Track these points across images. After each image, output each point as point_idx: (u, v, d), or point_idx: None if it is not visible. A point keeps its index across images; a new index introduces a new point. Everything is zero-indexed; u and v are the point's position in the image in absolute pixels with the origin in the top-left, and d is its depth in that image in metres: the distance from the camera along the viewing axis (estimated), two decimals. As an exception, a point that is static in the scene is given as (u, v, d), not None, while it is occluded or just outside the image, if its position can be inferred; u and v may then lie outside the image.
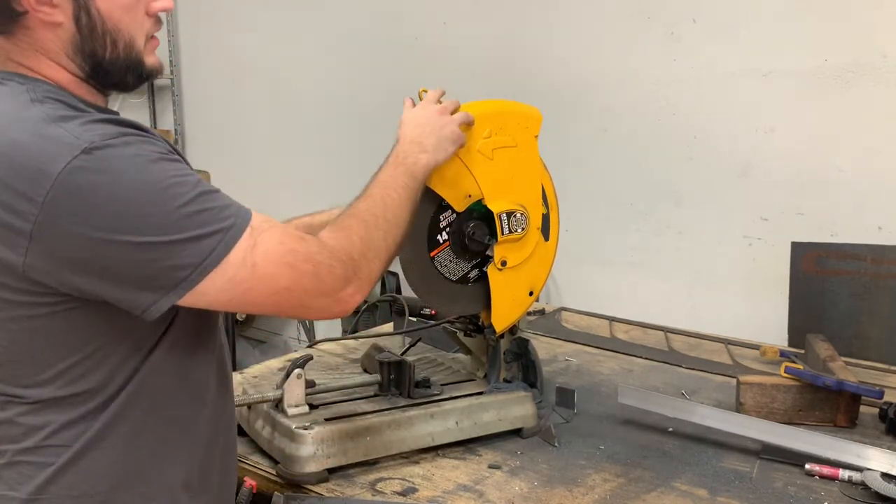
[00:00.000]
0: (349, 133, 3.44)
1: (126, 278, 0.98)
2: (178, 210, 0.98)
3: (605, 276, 2.79)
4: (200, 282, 0.99)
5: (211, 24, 3.92)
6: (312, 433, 1.43)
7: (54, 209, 0.93)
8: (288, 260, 1.05)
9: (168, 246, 0.97)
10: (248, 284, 1.02)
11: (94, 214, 0.94)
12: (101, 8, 1.04)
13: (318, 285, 1.09)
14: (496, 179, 1.53)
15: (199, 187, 1.01)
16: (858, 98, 2.27)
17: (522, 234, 1.57)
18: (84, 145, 0.94)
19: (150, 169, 0.97)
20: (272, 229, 1.06)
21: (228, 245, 1.00)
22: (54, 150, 0.94)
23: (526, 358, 1.72)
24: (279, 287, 1.05)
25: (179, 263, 0.98)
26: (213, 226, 1.00)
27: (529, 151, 1.58)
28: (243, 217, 1.03)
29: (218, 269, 1.00)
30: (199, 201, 1.00)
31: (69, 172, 0.93)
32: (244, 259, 1.01)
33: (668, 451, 1.60)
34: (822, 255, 2.28)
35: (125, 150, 0.97)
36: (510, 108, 1.57)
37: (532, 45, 2.86)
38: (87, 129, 0.96)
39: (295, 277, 1.06)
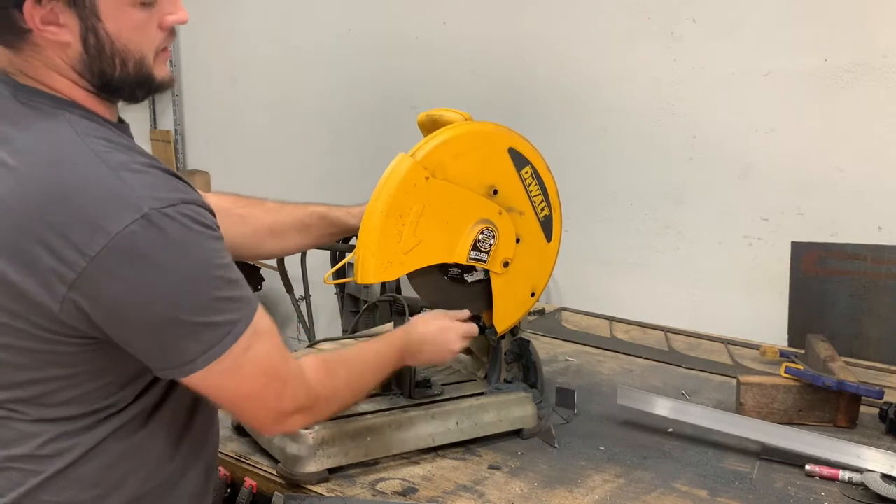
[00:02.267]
0: (349, 133, 3.44)
1: (146, 344, 1.01)
2: (212, 293, 1.00)
3: (605, 276, 2.80)
4: (202, 369, 1.02)
5: (211, 24, 3.92)
6: (313, 433, 1.43)
7: (102, 266, 0.94)
8: (267, 373, 1.09)
9: (192, 327, 1.00)
10: (225, 381, 1.06)
11: (137, 281, 0.96)
12: (110, 29, 1.01)
13: (276, 403, 1.12)
14: (438, 238, 1.49)
15: (231, 271, 1.04)
16: (858, 98, 2.27)
17: (498, 240, 1.56)
18: (145, 210, 0.95)
19: (198, 249, 0.99)
20: (265, 336, 1.08)
21: (232, 340, 1.03)
22: (115, 207, 0.94)
23: (526, 359, 1.72)
24: (244, 392, 1.09)
25: (194, 345, 1.01)
26: (227, 315, 1.02)
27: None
28: (250, 312, 1.06)
29: (218, 360, 1.02)
30: (228, 288, 1.03)
31: (125, 236, 0.94)
32: (235, 358, 1.04)
33: (669, 452, 1.60)
34: (822, 255, 2.28)
35: (181, 222, 0.97)
36: (394, 180, 1.44)
37: (532, 45, 2.86)
38: (147, 185, 0.97)
39: (262, 391, 1.10)
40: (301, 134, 3.67)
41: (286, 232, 1.57)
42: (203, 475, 1.23)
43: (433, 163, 1.46)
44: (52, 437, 1.05)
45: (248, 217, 1.54)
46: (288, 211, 1.58)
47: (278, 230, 1.57)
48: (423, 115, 1.60)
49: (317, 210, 1.60)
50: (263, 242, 1.57)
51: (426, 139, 1.48)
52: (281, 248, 1.61)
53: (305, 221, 1.59)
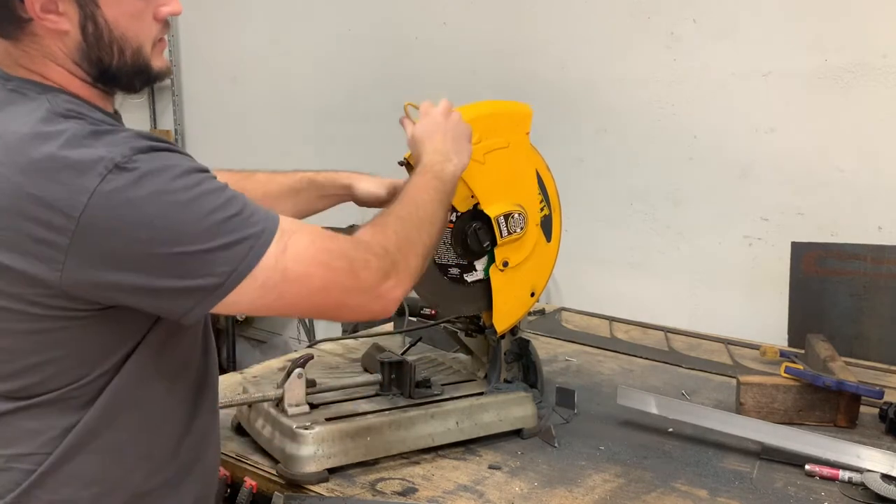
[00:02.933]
0: (349, 133, 3.43)
1: (162, 288, 0.98)
2: (209, 217, 0.98)
3: (605, 276, 2.80)
4: (234, 289, 1.00)
5: (211, 24, 3.92)
6: (313, 433, 1.43)
7: (90, 224, 0.94)
8: (321, 259, 1.05)
9: (202, 255, 0.98)
10: (281, 288, 1.02)
11: (129, 227, 0.95)
12: (108, 17, 1.03)
13: (355, 282, 1.08)
14: (490, 183, 1.53)
15: (226, 193, 1.02)
16: (858, 98, 2.27)
17: (522, 234, 1.57)
18: (116, 159, 0.95)
19: (179, 180, 0.98)
20: (302, 231, 1.05)
21: (260, 251, 1.00)
22: (88, 165, 0.94)
23: (526, 358, 1.72)
24: (314, 287, 1.05)
25: (213, 271, 0.98)
26: (243, 231, 1.00)
27: (522, 149, 1.57)
28: (272, 221, 1.03)
29: (250, 276, 1.00)
30: (228, 207, 1.00)
31: (103, 187, 0.93)
32: (275, 264, 1.01)
33: (669, 452, 1.60)
34: (822, 255, 2.28)
35: (154, 162, 0.97)
36: (498, 109, 1.56)
37: (532, 45, 2.86)
38: (116, 143, 0.97)
39: (329, 276, 1.06)
40: (301, 133, 3.66)
41: (278, 199, 1.57)
42: (207, 474, 1.23)
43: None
44: (54, 434, 1.05)
45: (241, 191, 1.55)
46: (278, 180, 1.59)
47: (271, 198, 1.56)
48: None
49: (305, 175, 1.61)
50: None
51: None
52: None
53: (295, 187, 1.59)
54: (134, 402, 1.09)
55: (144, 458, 1.12)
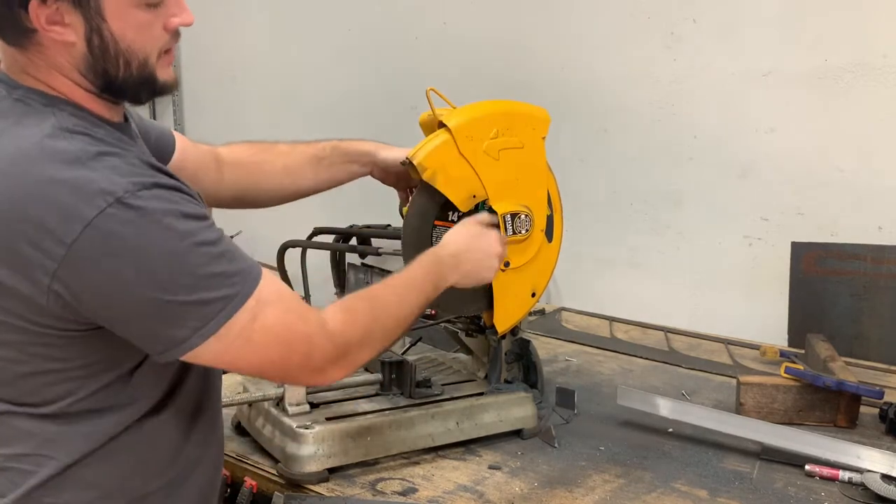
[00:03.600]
0: (349, 133, 3.42)
1: (135, 327, 1.00)
2: (196, 271, 0.99)
3: (605, 276, 2.80)
4: (199, 346, 1.01)
5: (211, 24, 3.92)
6: (313, 432, 1.43)
7: (81, 252, 0.94)
8: (284, 337, 1.07)
9: (179, 306, 0.98)
10: (241, 352, 1.04)
11: (116, 264, 0.95)
12: (114, 30, 1.02)
13: (307, 363, 1.11)
14: (501, 180, 1.53)
15: (218, 247, 1.02)
16: (858, 98, 2.27)
17: (526, 236, 1.57)
18: (118, 194, 0.94)
19: (176, 226, 0.98)
20: (276, 304, 1.06)
21: (229, 314, 1.01)
22: (89, 194, 0.94)
23: (527, 359, 1.72)
24: (269, 358, 1.07)
25: (185, 324, 0.99)
26: (220, 291, 1.00)
27: (536, 153, 1.58)
28: (250, 284, 1.04)
29: (216, 336, 1.01)
30: (216, 263, 1.01)
31: (101, 219, 0.93)
32: (241, 331, 1.02)
33: (669, 452, 1.60)
34: (822, 255, 2.28)
35: (155, 202, 0.97)
36: (518, 109, 1.57)
37: (532, 45, 2.86)
38: (121, 172, 0.97)
39: (286, 354, 1.08)
40: (301, 134, 3.63)
41: (300, 169, 1.58)
42: (210, 474, 1.22)
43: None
44: (51, 436, 1.05)
45: (262, 163, 1.56)
46: (300, 150, 1.60)
47: (292, 169, 1.58)
48: (424, 114, 1.60)
49: (329, 143, 1.62)
50: (280, 184, 1.58)
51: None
52: (297, 186, 1.60)
53: (318, 155, 1.60)
54: (134, 411, 1.09)
55: (143, 463, 1.12)
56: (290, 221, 2.13)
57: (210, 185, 1.47)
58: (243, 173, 1.53)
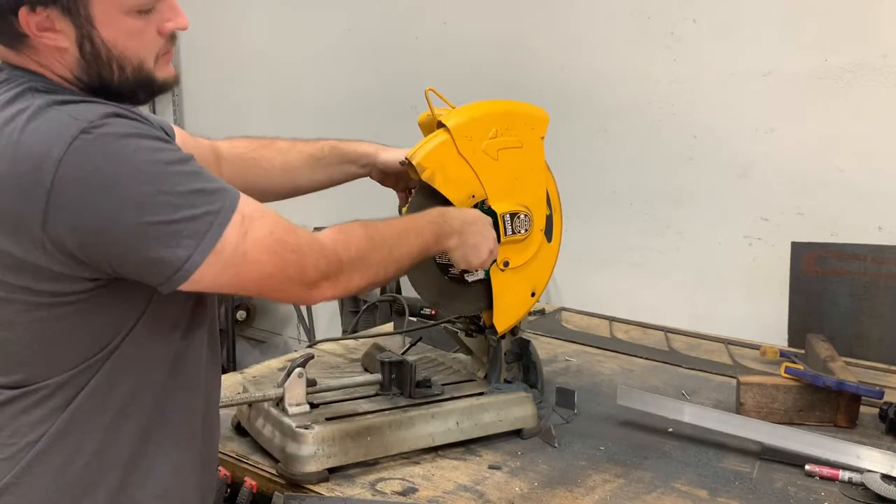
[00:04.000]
0: (349, 133, 3.42)
1: (134, 258, 0.99)
2: (174, 189, 0.99)
3: (605, 276, 2.80)
4: (200, 265, 1.00)
5: (211, 24, 3.92)
6: (313, 433, 1.43)
7: (61, 192, 0.94)
8: (276, 249, 1.08)
9: (167, 226, 0.98)
10: (237, 269, 1.04)
11: (96, 193, 0.95)
12: (105, 37, 1.02)
13: (300, 275, 1.11)
14: (500, 180, 1.53)
15: (189, 165, 1.03)
16: (858, 98, 2.27)
17: (526, 236, 1.57)
18: (83, 125, 0.95)
19: (145, 147, 0.98)
20: (263, 218, 1.07)
21: (221, 227, 1.01)
22: (55, 133, 0.95)
23: (527, 358, 1.72)
24: (264, 272, 1.08)
25: (180, 243, 0.99)
26: (205, 207, 1.01)
27: (535, 153, 1.58)
28: (231, 200, 1.04)
29: (212, 252, 1.01)
30: (193, 181, 1.01)
31: (70, 154, 0.94)
32: (235, 248, 1.03)
33: (669, 452, 1.60)
34: (822, 255, 2.28)
35: (120, 128, 0.98)
36: (516, 109, 1.57)
37: (532, 45, 2.86)
38: (82, 108, 0.98)
39: (280, 265, 1.08)
40: (301, 134, 3.65)
41: (297, 168, 1.59)
42: (199, 472, 1.22)
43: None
44: (46, 422, 1.06)
45: (259, 160, 1.57)
46: (299, 148, 1.61)
47: (289, 167, 1.58)
48: (423, 115, 1.60)
49: (328, 143, 1.63)
50: (276, 181, 1.58)
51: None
52: (294, 184, 1.61)
53: (316, 155, 1.61)
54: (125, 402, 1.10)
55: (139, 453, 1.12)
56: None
57: None
58: (241, 169, 1.54)
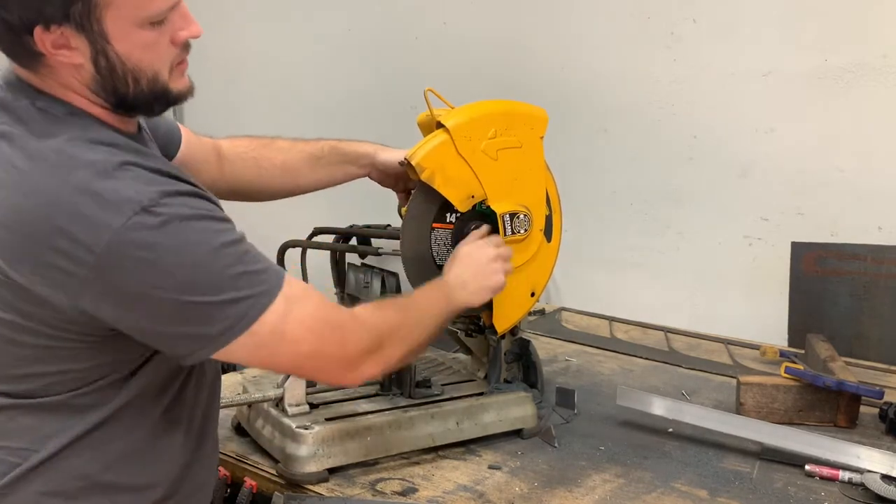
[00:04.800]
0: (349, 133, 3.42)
1: (165, 332, 1.01)
2: (223, 272, 1.00)
3: (605, 276, 2.79)
4: (232, 342, 1.02)
5: (211, 24, 3.91)
6: (313, 433, 1.43)
7: (109, 261, 0.95)
8: (318, 328, 1.09)
9: (208, 307, 1.00)
10: (274, 349, 1.06)
11: (144, 270, 0.96)
12: (119, 51, 1.02)
13: (342, 352, 1.13)
14: (500, 180, 1.53)
15: (242, 246, 1.04)
16: (858, 98, 2.27)
17: (525, 236, 1.57)
18: (144, 203, 0.96)
19: (200, 229, 1.00)
20: (307, 298, 1.08)
21: (260, 311, 1.03)
22: (116, 204, 0.95)
23: (526, 358, 1.72)
24: (304, 352, 1.09)
25: (216, 323, 1.01)
26: (249, 290, 1.02)
27: (534, 152, 1.58)
28: (276, 283, 1.05)
29: (248, 331, 1.02)
30: (241, 264, 1.03)
31: (127, 228, 0.95)
32: (274, 327, 1.04)
33: (669, 452, 1.60)
34: (822, 255, 2.28)
35: (180, 209, 0.99)
36: (516, 109, 1.57)
37: (532, 45, 2.86)
38: (144, 181, 0.99)
39: (321, 345, 1.10)
40: (301, 134, 3.65)
41: (297, 167, 1.60)
42: (202, 473, 1.23)
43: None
44: (41, 428, 1.07)
45: (260, 159, 1.58)
46: (299, 148, 1.61)
47: (289, 167, 1.59)
48: (422, 115, 1.60)
49: (328, 142, 1.63)
50: (276, 181, 1.59)
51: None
52: (294, 183, 1.62)
53: (316, 155, 1.61)
54: (125, 408, 1.11)
55: (129, 456, 1.12)
56: (290, 221, 2.13)
57: (210, 177, 1.48)
58: (242, 168, 1.54)
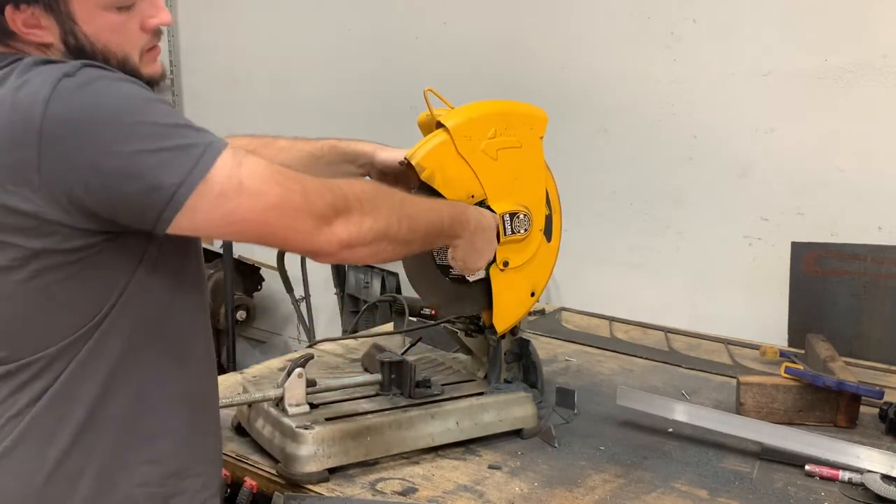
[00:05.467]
0: (349, 133, 3.42)
1: (128, 190, 0.99)
2: (163, 120, 1.00)
3: (605, 276, 2.79)
4: (191, 194, 0.99)
5: (211, 24, 3.92)
6: (313, 433, 1.43)
7: (51, 133, 0.96)
8: (276, 178, 1.05)
9: (159, 153, 0.98)
10: (236, 201, 1.01)
11: (86, 131, 0.97)
12: (88, 31, 1.06)
13: (307, 205, 1.06)
14: (500, 180, 1.53)
15: (174, 111, 1.04)
16: (858, 98, 2.27)
17: (525, 235, 1.57)
18: (65, 69, 0.98)
19: (126, 86, 1.01)
20: (254, 156, 1.05)
21: (213, 157, 1.00)
22: (40, 81, 0.97)
23: (526, 358, 1.72)
24: (268, 203, 1.03)
25: (172, 170, 0.98)
26: (196, 138, 1.01)
27: (534, 152, 1.58)
28: (219, 139, 1.04)
29: (206, 180, 0.99)
30: (179, 117, 1.03)
31: (56, 95, 0.96)
32: (230, 175, 1.01)
33: (669, 452, 1.60)
34: (822, 255, 2.28)
35: (101, 72, 1.01)
36: (515, 109, 1.57)
37: (532, 45, 2.86)
38: (67, 63, 1.01)
39: (284, 195, 1.04)
40: (301, 133, 3.65)
41: (297, 167, 1.57)
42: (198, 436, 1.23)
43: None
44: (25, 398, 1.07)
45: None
46: (299, 147, 1.61)
47: (290, 166, 1.58)
48: (422, 115, 1.60)
49: (327, 142, 1.63)
50: None
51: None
52: None
53: (315, 154, 1.60)
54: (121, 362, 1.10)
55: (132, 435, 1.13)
56: (289, 221, 2.13)
57: None
58: None
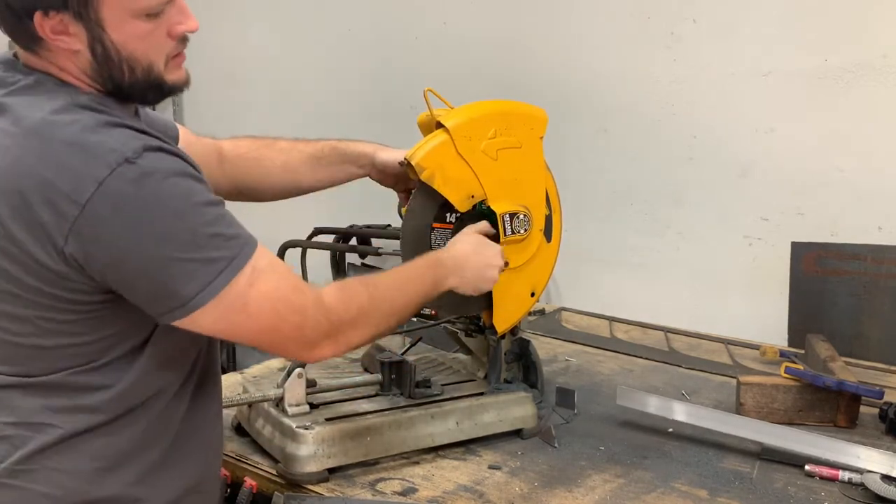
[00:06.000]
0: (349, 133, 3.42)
1: (143, 286, 1.03)
2: (200, 229, 1.03)
3: (605, 276, 2.79)
4: (200, 307, 1.04)
5: (211, 24, 3.91)
6: (313, 433, 1.43)
7: (93, 211, 0.98)
8: (278, 308, 1.10)
9: (188, 263, 1.02)
10: (235, 320, 1.07)
11: (127, 221, 0.99)
12: (115, 39, 1.06)
13: (299, 336, 1.14)
14: (500, 180, 1.53)
15: (218, 209, 1.06)
16: (858, 98, 2.27)
17: (525, 236, 1.57)
18: (127, 154, 0.99)
19: (181, 185, 1.02)
20: (273, 272, 1.10)
21: (231, 275, 1.04)
22: (99, 155, 0.98)
23: (526, 358, 1.72)
24: (263, 327, 1.10)
25: (190, 283, 1.02)
26: (225, 251, 1.04)
27: (534, 152, 1.58)
28: (248, 250, 1.07)
29: (217, 297, 1.04)
30: (217, 224, 1.05)
31: (112, 179, 0.97)
32: (239, 294, 1.06)
33: (669, 452, 1.60)
34: (822, 255, 2.28)
35: (162, 163, 1.01)
36: (515, 109, 1.57)
37: (532, 45, 2.86)
38: (128, 136, 1.01)
39: (279, 325, 1.11)
40: (301, 134, 3.65)
41: (298, 168, 1.61)
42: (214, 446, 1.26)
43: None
44: (55, 406, 1.08)
45: (261, 159, 1.59)
46: (299, 148, 1.63)
47: (290, 167, 1.61)
48: (422, 115, 1.60)
49: (328, 143, 1.64)
50: (277, 181, 1.60)
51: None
52: (295, 183, 1.62)
53: (316, 155, 1.62)
54: (142, 388, 1.12)
55: (147, 438, 1.14)
56: (290, 221, 2.13)
57: (210, 177, 1.49)
58: (243, 168, 1.56)
